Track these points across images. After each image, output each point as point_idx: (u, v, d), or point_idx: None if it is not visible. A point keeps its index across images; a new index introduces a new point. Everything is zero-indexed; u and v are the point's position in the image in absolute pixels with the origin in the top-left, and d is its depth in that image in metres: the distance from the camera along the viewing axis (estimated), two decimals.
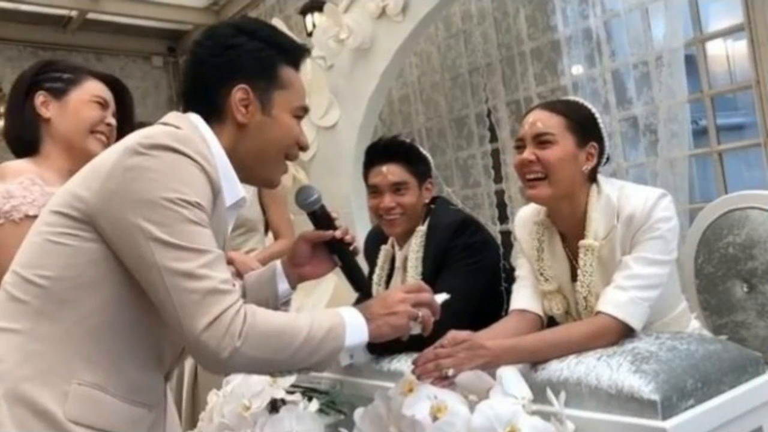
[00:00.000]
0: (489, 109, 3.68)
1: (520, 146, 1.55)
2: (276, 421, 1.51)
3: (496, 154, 3.69)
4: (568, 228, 1.58)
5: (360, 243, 1.89)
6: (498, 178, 3.67)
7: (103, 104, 1.70)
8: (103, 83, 1.74)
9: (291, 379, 1.57)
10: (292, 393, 1.59)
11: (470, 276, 1.79)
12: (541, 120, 1.52)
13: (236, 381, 1.63)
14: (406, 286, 1.25)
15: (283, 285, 1.38)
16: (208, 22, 5.31)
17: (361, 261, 1.82)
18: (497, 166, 3.68)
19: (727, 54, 4.54)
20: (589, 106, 1.59)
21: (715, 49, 3.72)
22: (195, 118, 1.18)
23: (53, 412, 1.02)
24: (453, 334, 1.36)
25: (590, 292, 1.51)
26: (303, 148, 1.27)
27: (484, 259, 1.84)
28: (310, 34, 3.93)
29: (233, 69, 1.18)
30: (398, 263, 1.98)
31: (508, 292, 1.69)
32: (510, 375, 1.26)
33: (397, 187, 1.91)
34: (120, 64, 5.79)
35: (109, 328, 1.07)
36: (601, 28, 3.14)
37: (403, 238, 1.96)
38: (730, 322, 1.64)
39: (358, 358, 1.70)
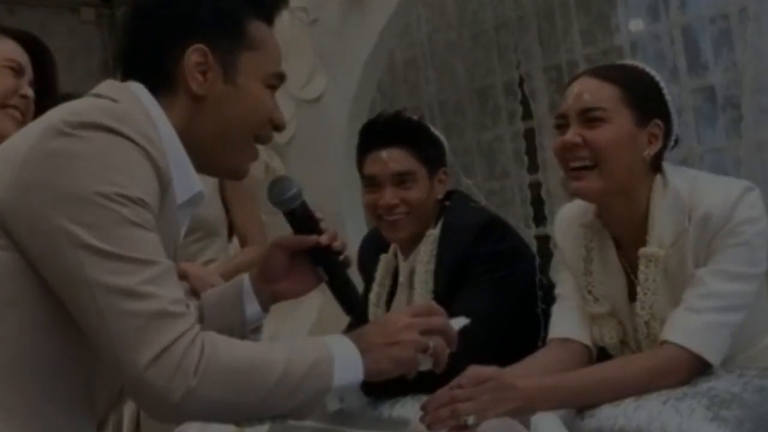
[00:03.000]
0: (521, 77, 3.69)
1: (562, 125, 1.56)
2: None
3: (530, 135, 3.69)
4: (624, 232, 1.59)
5: (353, 251, 1.90)
6: (533, 167, 3.68)
7: (16, 70, 1.71)
8: (17, 43, 1.74)
9: (263, 429, 1.57)
10: None
11: (496, 294, 1.80)
12: (590, 91, 1.53)
13: (191, 431, 1.63)
14: (413, 309, 1.25)
15: (252, 306, 1.38)
16: None
17: (354, 274, 1.82)
18: (532, 151, 3.68)
19: None
20: (652, 73, 1.60)
21: None
22: (137, 89, 1.19)
23: None
24: (474, 371, 1.36)
25: (653, 316, 1.52)
26: (278, 127, 1.27)
27: (515, 272, 1.85)
28: None
29: (187, 24, 1.19)
30: (402, 278, 1.99)
31: (546, 315, 1.70)
32: (548, 423, 1.27)
33: (401, 179, 1.91)
34: (39, 18, 5.79)
35: (26, 362, 1.07)
36: None
37: (409, 245, 1.96)
38: None
39: (350, 401, 1.70)
